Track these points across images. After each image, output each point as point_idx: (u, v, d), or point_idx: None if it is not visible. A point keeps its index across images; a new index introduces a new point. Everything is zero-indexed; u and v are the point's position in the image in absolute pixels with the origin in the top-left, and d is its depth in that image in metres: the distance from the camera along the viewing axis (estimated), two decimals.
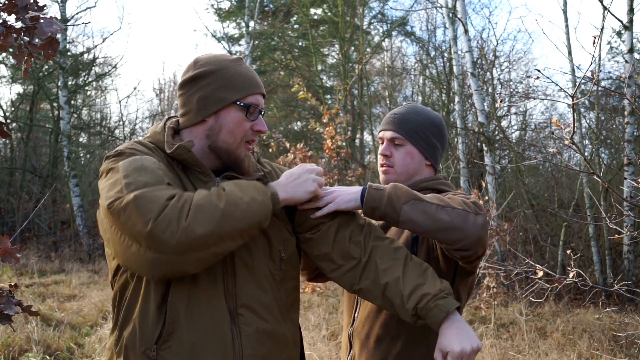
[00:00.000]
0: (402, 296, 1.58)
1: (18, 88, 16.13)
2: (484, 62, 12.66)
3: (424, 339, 1.77)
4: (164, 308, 1.50)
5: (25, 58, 1.30)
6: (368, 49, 15.48)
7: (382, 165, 1.96)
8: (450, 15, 9.22)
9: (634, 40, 8.27)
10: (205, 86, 1.60)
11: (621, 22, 7.91)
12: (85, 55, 15.14)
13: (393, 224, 1.62)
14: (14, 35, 1.26)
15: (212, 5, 17.50)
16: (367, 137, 16.39)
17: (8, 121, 14.20)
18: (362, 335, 1.85)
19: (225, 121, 1.61)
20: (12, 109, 15.15)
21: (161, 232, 1.36)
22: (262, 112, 1.67)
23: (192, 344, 1.49)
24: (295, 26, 17.80)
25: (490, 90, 12.17)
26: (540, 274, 3.76)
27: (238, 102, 1.60)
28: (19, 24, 1.25)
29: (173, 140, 1.61)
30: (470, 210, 1.59)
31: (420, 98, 16.12)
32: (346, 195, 1.65)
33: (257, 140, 1.70)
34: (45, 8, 1.26)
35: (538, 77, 3.07)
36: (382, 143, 1.98)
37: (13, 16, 1.23)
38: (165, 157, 1.60)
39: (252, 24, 13.92)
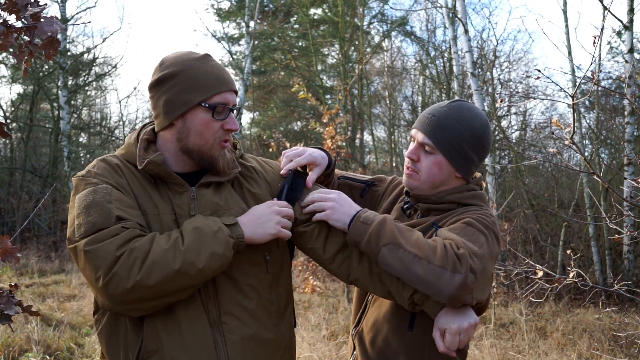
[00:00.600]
0: (396, 284, 1.59)
1: (18, 88, 16.14)
2: (484, 62, 12.66)
3: (424, 356, 1.74)
4: (141, 324, 1.52)
5: (26, 58, 1.30)
6: (368, 49, 15.48)
7: (407, 168, 1.77)
8: (450, 15, 9.22)
9: (634, 40, 8.27)
10: (170, 89, 1.56)
11: (621, 22, 7.92)
12: (85, 55, 15.14)
13: (374, 261, 1.59)
14: (15, 34, 1.26)
15: (212, 5, 17.51)
16: (367, 137, 16.40)
17: (8, 121, 14.19)
18: (365, 341, 1.83)
19: (193, 124, 1.57)
20: (12, 109, 15.14)
21: (113, 288, 1.41)
22: (235, 109, 1.61)
23: (173, 358, 1.49)
24: (295, 26, 17.80)
25: (490, 90, 12.17)
26: (540, 274, 3.76)
27: (203, 104, 1.55)
28: (19, 24, 1.25)
29: (145, 154, 1.59)
30: (447, 267, 1.47)
31: (420, 98, 16.12)
32: (339, 213, 1.61)
33: (231, 139, 1.65)
34: (45, 7, 1.27)
35: (538, 77, 3.07)
36: (413, 141, 1.78)
37: (13, 16, 1.23)
38: (137, 171, 1.59)
39: (252, 24, 13.92)
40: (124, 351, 1.53)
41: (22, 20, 1.27)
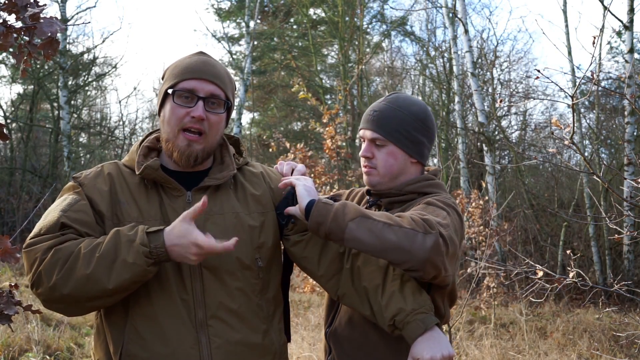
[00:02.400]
0: (379, 304, 1.58)
1: (18, 88, 16.11)
2: (484, 62, 12.66)
3: (403, 348, 1.69)
4: (124, 326, 1.53)
5: (25, 58, 1.31)
6: (368, 49, 15.49)
7: (364, 167, 1.82)
8: (451, 15, 9.22)
9: (634, 40, 8.27)
10: (164, 79, 1.66)
11: (621, 22, 7.92)
12: (85, 55, 15.14)
13: (338, 242, 1.54)
14: (14, 35, 1.26)
15: (212, 5, 17.51)
16: None
17: (8, 121, 14.18)
18: (341, 338, 1.80)
19: (165, 111, 1.61)
20: (12, 109, 15.14)
21: (37, 286, 1.45)
22: (205, 99, 1.58)
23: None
24: (295, 26, 17.80)
25: (490, 90, 12.17)
26: (540, 274, 3.75)
27: (169, 90, 1.59)
28: (19, 24, 1.25)
29: (144, 160, 1.62)
30: (419, 229, 1.47)
31: (420, 98, 16.08)
32: (304, 190, 1.60)
33: (208, 132, 1.59)
34: (45, 7, 1.27)
35: (538, 77, 3.07)
36: (364, 142, 1.84)
37: (13, 16, 1.24)
38: (133, 178, 1.63)
39: (252, 24, 13.92)
40: (107, 353, 1.55)
41: (22, 20, 1.27)
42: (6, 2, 1.23)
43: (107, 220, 1.56)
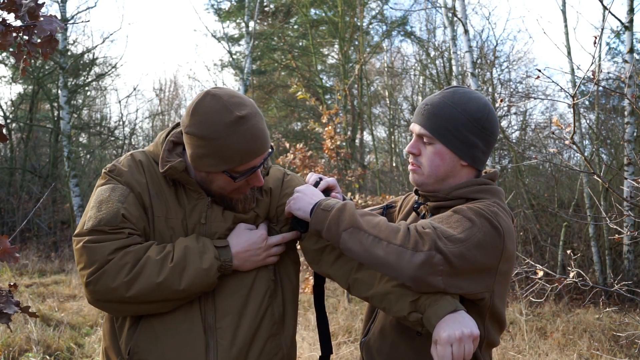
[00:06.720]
0: (401, 284, 1.48)
1: (18, 88, 16.07)
2: (483, 62, 12.66)
3: None
4: (138, 323, 1.55)
5: (25, 57, 1.30)
6: (368, 49, 15.48)
7: (411, 164, 1.70)
8: (450, 15, 9.22)
9: (634, 40, 8.27)
10: (196, 147, 1.52)
11: (621, 22, 7.91)
12: (85, 56, 15.11)
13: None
14: (14, 34, 1.25)
15: (212, 6, 17.49)
16: (367, 137, 16.39)
17: (8, 121, 14.17)
18: (372, 350, 1.73)
19: (215, 179, 1.57)
20: (12, 109, 15.12)
21: (99, 285, 1.47)
22: (261, 166, 1.58)
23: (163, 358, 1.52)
24: (295, 26, 17.79)
25: (490, 90, 12.16)
26: (540, 274, 3.75)
27: (225, 172, 1.53)
28: (18, 23, 1.25)
29: (169, 156, 1.59)
30: (408, 247, 1.41)
31: (420, 98, 16.10)
32: (301, 202, 1.60)
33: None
34: (43, 4, 1.26)
35: (538, 77, 3.07)
36: (413, 136, 1.71)
37: (12, 15, 1.23)
38: (159, 171, 1.61)
39: (252, 24, 13.91)
40: (116, 346, 1.57)
41: (21, 19, 1.27)
42: (5, 0, 1.22)
43: (148, 212, 1.58)
